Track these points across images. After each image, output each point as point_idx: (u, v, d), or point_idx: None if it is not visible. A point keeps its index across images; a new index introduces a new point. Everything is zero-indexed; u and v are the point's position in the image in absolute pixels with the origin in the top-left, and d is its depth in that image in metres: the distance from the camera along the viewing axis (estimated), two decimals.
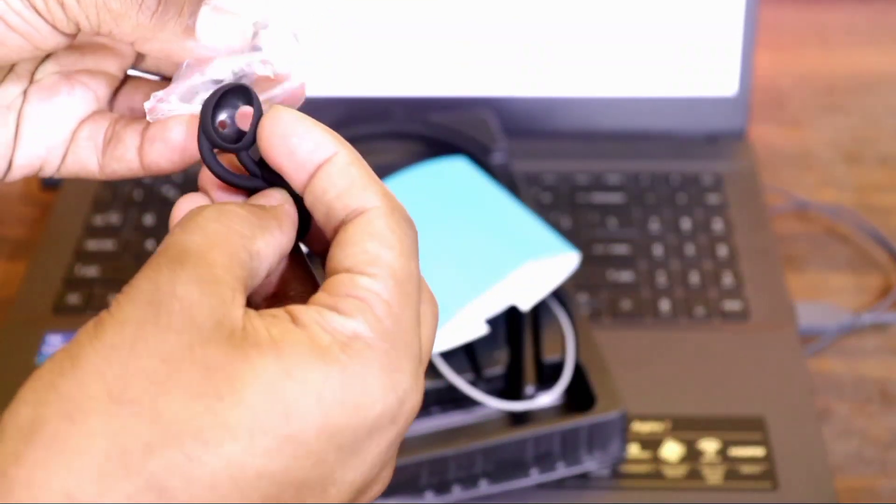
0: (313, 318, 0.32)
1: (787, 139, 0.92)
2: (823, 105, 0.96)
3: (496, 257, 0.66)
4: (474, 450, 0.61)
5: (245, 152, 0.36)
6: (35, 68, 0.42)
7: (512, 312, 0.67)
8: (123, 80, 0.43)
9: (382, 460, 0.33)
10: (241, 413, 0.30)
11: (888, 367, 0.73)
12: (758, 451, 0.65)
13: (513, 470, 0.63)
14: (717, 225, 0.80)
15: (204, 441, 0.29)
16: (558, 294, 0.68)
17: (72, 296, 0.75)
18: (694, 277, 0.76)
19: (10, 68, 0.41)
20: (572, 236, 0.78)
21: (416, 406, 0.33)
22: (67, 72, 0.42)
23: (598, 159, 0.86)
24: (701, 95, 0.86)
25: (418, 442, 0.63)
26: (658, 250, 0.78)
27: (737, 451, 0.65)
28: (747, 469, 0.64)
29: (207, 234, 0.33)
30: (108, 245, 0.79)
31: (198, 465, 0.29)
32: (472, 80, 0.86)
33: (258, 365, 0.31)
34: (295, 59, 0.40)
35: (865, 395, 0.71)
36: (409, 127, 0.81)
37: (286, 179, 0.36)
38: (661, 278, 0.76)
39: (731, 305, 0.74)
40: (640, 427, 0.66)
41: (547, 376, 0.65)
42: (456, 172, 0.74)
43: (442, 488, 0.62)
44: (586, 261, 0.76)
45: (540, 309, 0.67)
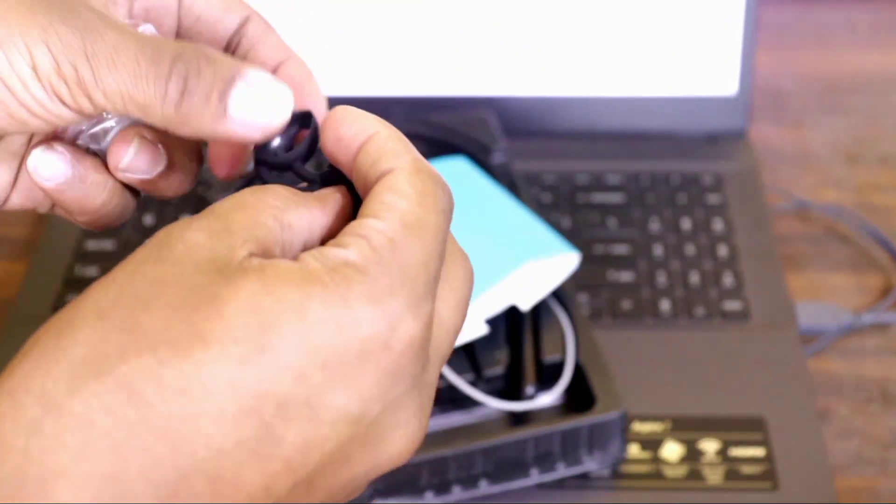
0: (311, 253, 0.33)
1: (788, 139, 0.92)
2: (824, 105, 0.96)
3: (496, 257, 0.66)
4: (474, 450, 0.61)
5: (300, 163, 0.38)
6: None
7: (512, 312, 0.67)
8: None
9: (385, 394, 0.33)
10: (215, 324, 0.31)
11: (888, 367, 0.73)
12: (758, 452, 0.65)
13: (513, 470, 0.62)
14: (718, 225, 0.80)
15: (176, 348, 0.30)
16: (558, 294, 0.68)
17: (72, 296, 0.75)
18: (694, 277, 0.76)
19: None
20: (572, 236, 0.78)
21: (413, 337, 0.33)
22: None
23: (598, 159, 0.86)
24: (701, 95, 0.86)
25: None
26: (658, 250, 0.78)
27: (737, 452, 0.65)
28: (747, 469, 0.64)
29: (236, 200, 0.34)
30: (107, 245, 0.79)
31: (168, 370, 0.30)
32: (472, 80, 0.86)
33: (240, 285, 0.31)
34: None
35: (866, 396, 0.71)
36: (409, 127, 0.81)
37: (339, 168, 0.37)
38: (662, 278, 0.76)
39: (732, 305, 0.74)
40: (640, 427, 0.66)
41: (547, 376, 0.65)
42: (456, 172, 0.74)
43: (442, 488, 0.62)
44: (586, 261, 0.76)
45: (540, 309, 0.67)
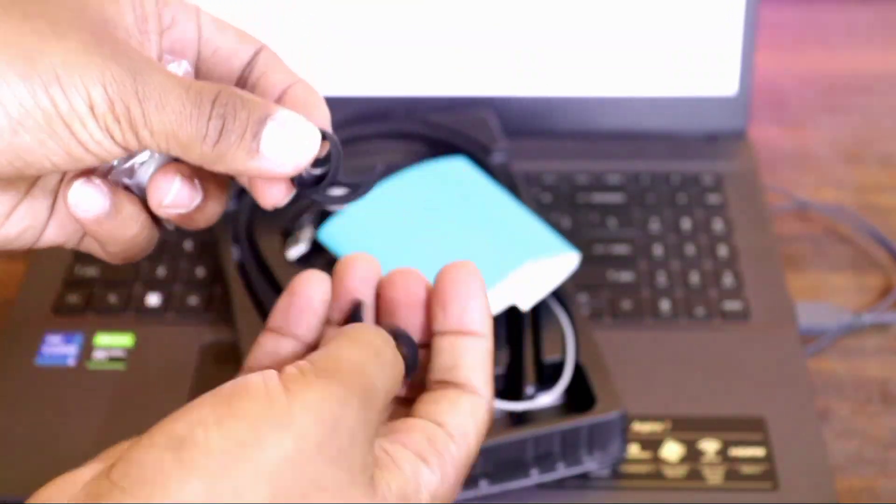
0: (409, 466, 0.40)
1: (788, 139, 0.92)
2: (824, 105, 0.96)
3: (496, 257, 0.66)
4: None
5: (334, 173, 0.41)
6: None
7: (512, 312, 0.67)
8: None
9: None
10: None
11: (889, 367, 0.73)
12: (758, 452, 0.65)
13: (513, 470, 0.62)
14: (718, 225, 0.80)
15: None
16: (558, 294, 0.68)
17: (71, 296, 0.75)
18: (694, 277, 0.76)
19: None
20: (572, 236, 0.78)
21: None
22: None
23: (598, 159, 0.86)
24: (701, 95, 0.86)
25: None
26: (658, 250, 0.78)
27: (737, 452, 0.65)
28: (747, 469, 0.64)
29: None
30: None
31: None
32: (472, 80, 0.86)
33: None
34: None
35: (866, 396, 0.71)
36: (409, 127, 0.81)
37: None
38: (662, 278, 0.76)
39: (732, 305, 0.74)
40: (640, 427, 0.66)
41: (547, 376, 0.65)
42: (456, 172, 0.74)
43: None
44: (586, 261, 0.76)
45: (540, 309, 0.67)
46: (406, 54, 0.86)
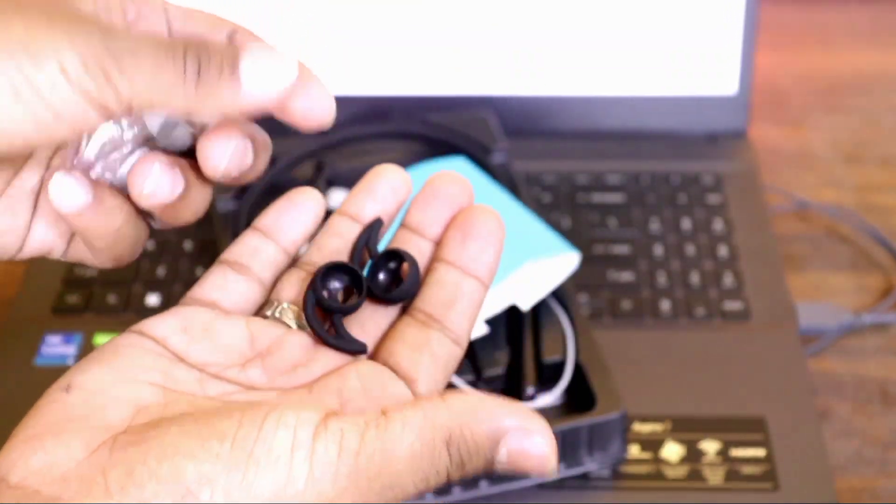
0: None
1: (788, 139, 0.92)
2: (824, 105, 0.96)
3: None
4: None
5: (340, 317, 0.41)
6: (53, 154, 0.43)
7: (512, 313, 0.67)
8: None
9: None
10: None
11: (889, 367, 0.73)
12: (758, 452, 0.65)
13: None
14: (718, 225, 0.80)
15: None
16: (558, 294, 0.68)
17: (71, 296, 0.75)
18: (694, 277, 0.76)
19: (30, 153, 0.42)
20: (572, 236, 0.78)
21: None
22: None
23: (599, 159, 0.86)
24: (701, 94, 0.86)
25: None
26: (658, 250, 0.78)
27: (737, 452, 0.65)
28: (748, 470, 0.64)
29: None
30: None
31: None
32: (472, 80, 0.86)
33: None
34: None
35: (866, 396, 0.71)
36: (409, 127, 0.81)
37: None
38: (662, 278, 0.76)
39: (732, 305, 0.74)
40: (640, 427, 0.66)
41: (547, 377, 0.65)
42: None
43: (442, 489, 0.62)
44: (586, 261, 0.76)
45: (540, 309, 0.67)
46: (406, 53, 0.86)
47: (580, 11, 0.84)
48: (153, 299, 0.75)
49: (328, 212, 0.71)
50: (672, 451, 0.65)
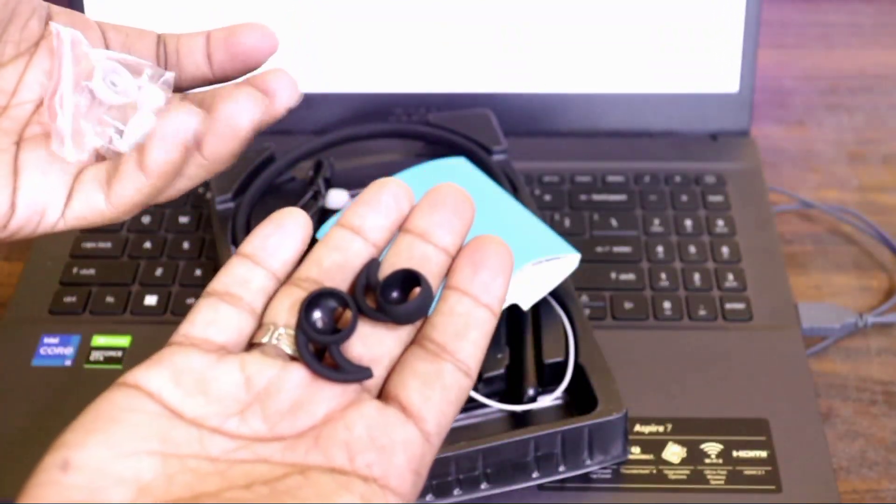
0: None
1: (791, 138, 0.92)
2: (827, 104, 0.96)
3: None
4: (475, 451, 0.61)
5: (336, 346, 0.40)
6: (25, 123, 0.45)
7: (513, 314, 0.67)
8: None
9: None
10: None
11: (892, 368, 0.73)
12: (761, 454, 0.64)
13: (514, 472, 0.62)
14: (720, 225, 0.80)
15: None
16: (559, 295, 0.68)
17: (69, 297, 0.75)
18: (696, 278, 0.76)
19: None
20: (573, 236, 0.78)
21: None
22: None
23: (600, 159, 0.85)
24: (702, 92, 0.86)
25: None
26: (660, 250, 0.78)
27: (739, 454, 0.65)
28: (750, 471, 0.64)
29: None
30: (105, 245, 0.78)
31: None
32: (472, 77, 0.86)
33: None
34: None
35: (869, 397, 0.71)
36: (410, 126, 0.80)
37: None
38: (663, 279, 0.76)
39: (734, 306, 0.74)
40: (641, 428, 0.66)
41: (548, 378, 0.65)
42: (456, 172, 0.73)
43: (442, 490, 0.61)
44: (587, 261, 0.75)
45: (541, 310, 0.67)
46: (405, 50, 0.85)
47: (580, 8, 0.84)
48: (151, 300, 0.74)
49: (328, 212, 0.71)
50: (673, 452, 0.65)
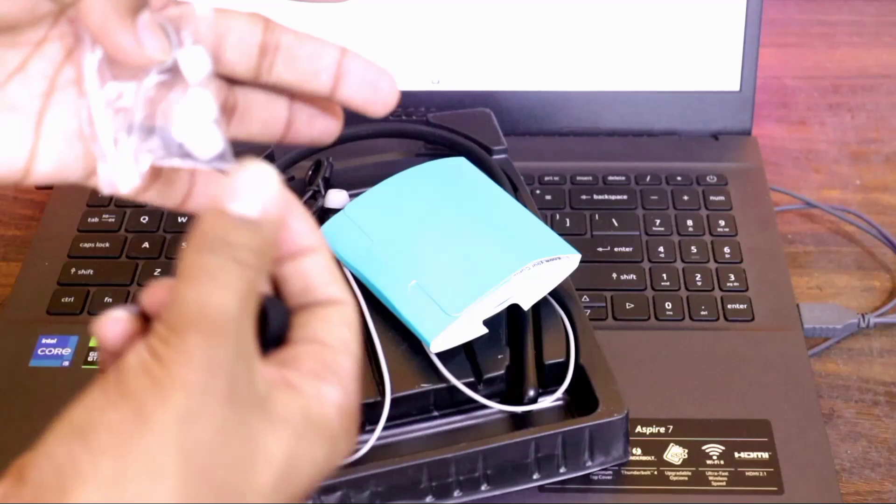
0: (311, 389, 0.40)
1: (793, 138, 0.92)
2: (829, 103, 0.95)
3: (496, 258, 0.65)
4: (475, 452, 0.61)
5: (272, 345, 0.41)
6: (56, 75, 0.43)
7: (513, 315, 0.66)
8: None
9: None
10: None
11: (895, 369, 0.72)
12: (762, 455, 0.64)
13: (514, 473, 0.62)
14: (722, 225, 0.79)
15: None
16: (560, 295, 0.67)
17: (67, 297, 0.74)
18: (697, 278, 0.75)
19: (21, 68, 0.43)
20: (573, 236, 0.77)
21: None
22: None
23: (600, 158, 0.85)
24: (704, 91, 0.86)
25: (419, 444, 0.63)
26: (661, 251, 0.78)
27: (741, 455, 0.64)
28: (752, 473, 0.63)
29: None
30: (103, 245, 0.78)
31: None
32: (472, 75, 0.86)
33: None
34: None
35: (872, 398, 0.70)
36: (410, 126, 0.80)
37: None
38: (664, 279, 0.76)
39: (736, 306, 0.73)
40: (643, 430, 0.66)
41: (549, 378, 0.65)
42: (456, 172, 0.73)
43: (442, 491, 0.61)
44: (588, 261, 0.75)
45: (541, 310, 0.67)
46: (405, 49, 0.85)
47: (582, 7, 0.84)
48: None
49: (327, 211, 0.71)
50: (675, 453, 0.65)
